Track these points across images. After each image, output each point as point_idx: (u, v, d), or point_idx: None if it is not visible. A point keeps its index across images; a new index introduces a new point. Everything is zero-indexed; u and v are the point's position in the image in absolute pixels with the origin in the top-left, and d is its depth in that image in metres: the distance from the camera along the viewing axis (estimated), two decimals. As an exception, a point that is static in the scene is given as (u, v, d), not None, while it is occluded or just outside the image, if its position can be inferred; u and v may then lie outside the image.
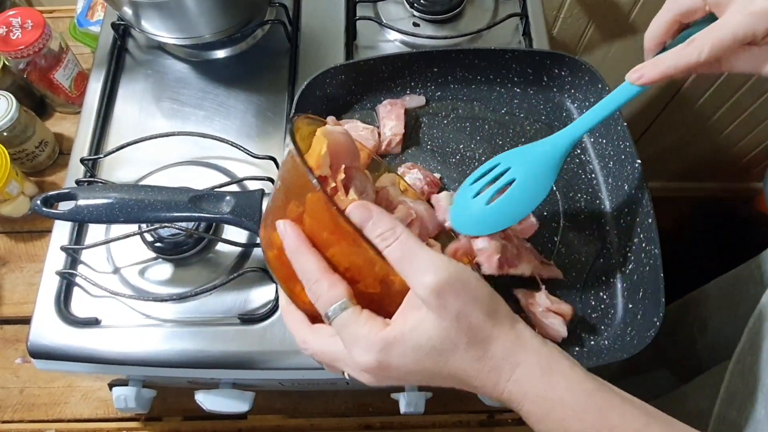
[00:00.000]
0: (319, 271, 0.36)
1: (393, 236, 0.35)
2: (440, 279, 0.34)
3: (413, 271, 0.34)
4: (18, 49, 0.72)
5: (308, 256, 0.36)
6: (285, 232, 0.37)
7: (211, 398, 0.61)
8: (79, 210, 0.51)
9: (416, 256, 0.34)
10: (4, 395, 0.70)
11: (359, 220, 0.36)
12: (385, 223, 0.35)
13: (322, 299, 0.36)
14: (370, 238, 0.35)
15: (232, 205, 0.54)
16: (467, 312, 0.34)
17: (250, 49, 0.74)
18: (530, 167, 0.51)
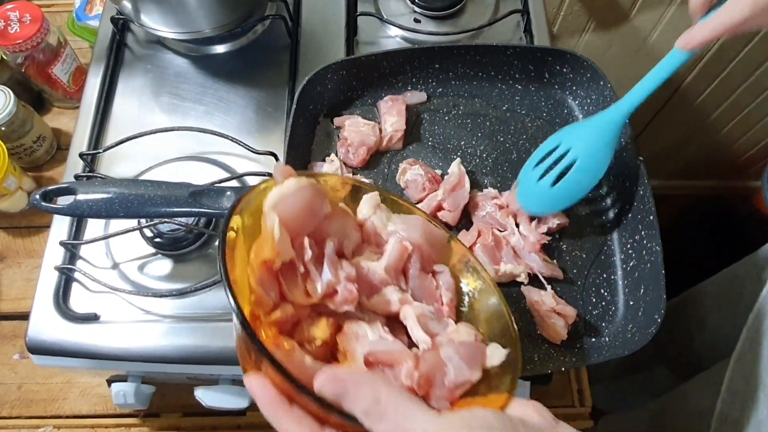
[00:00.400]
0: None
1: (377, 411, 0.30)
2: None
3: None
4: (16, 44, 0.71)
5: (287, 421, 0.31)
6: (255, 394, 0.32)
7: (211, 394, 0.61)
8: (78, 205, 0.51)
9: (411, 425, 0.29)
10: (2, 391, 0.70)
11: (333, 396, 0.30)
12: (366, 395, 0.30)
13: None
14: (353, 414, 0.30)
15: (233, 200, 0.53)
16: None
17: (251, 44, 0.73)
18: (589, 146, 0.53)
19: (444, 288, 0.44)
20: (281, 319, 0.38)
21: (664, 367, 0.93)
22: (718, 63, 1.10)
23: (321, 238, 0.41)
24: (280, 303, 0.38)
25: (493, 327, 0.43)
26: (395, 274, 0.44)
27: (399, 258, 0.44)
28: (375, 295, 0.42)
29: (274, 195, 0.39)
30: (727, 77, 1.14)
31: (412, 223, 0.45)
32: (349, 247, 0.44)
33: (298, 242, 0.39)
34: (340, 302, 0.39)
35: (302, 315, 0.40)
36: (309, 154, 0.63)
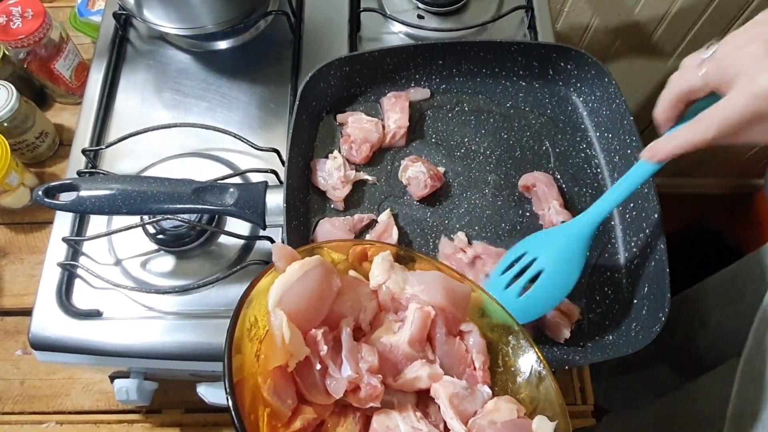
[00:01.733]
0: None
1: None
2: None
3: None
4: (18, 39, 0.71)
5: None
6: None
7: (213, 391, 0.61)
8: (81, 201, 0.51)
9: None
10: (4, 387, 0.70)
11: None
12: None
13: None
14: None
15: (235, 197, 0.53)
16: None
17: (253, 40, 0.73)
18: (556, 256, 0.50)
19: (475, 351, 0.41)
20: (304, 427, 0.35)
21: (665, 364, 0.93)
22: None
23: (335, 319, 0.38)
24: (299, 407, 0.35)
25: (533, 389, 0.40)
26: (420, 345, 0.40)
27: (422, 327, 0.40)
28: (401, 374, 0.40)
29: (278, 288, 0.35)
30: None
31: (432, 281, 0.42)
32: (366, 320, 0.41)
33: (311, 337, 0.36)
34: (365, 399, 0.37)
35: (324, 414, 0.37)
36: (312, 151, 0.62)
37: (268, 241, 0.59)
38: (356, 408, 0.37)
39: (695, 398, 0.77)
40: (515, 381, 0.41)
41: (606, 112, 0.62)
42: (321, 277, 0.36)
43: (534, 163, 0.62)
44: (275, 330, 0.34)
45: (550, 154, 0.63)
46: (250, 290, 0.35)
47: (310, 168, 0.61)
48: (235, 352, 0.32)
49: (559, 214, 0.57)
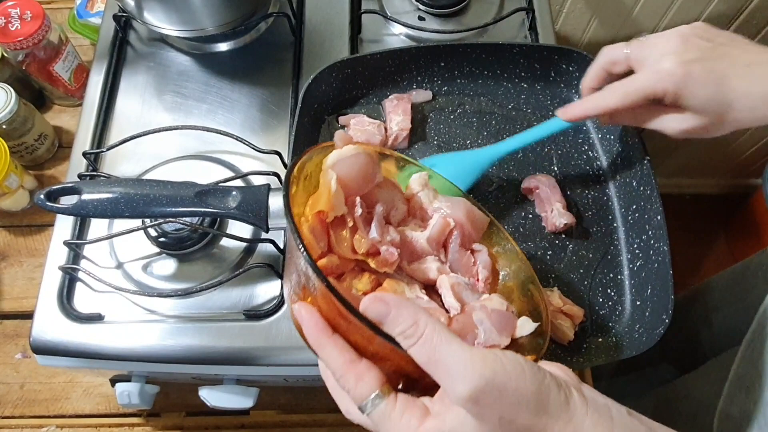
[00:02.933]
0: (344, 364, 0.34)
1: (416, 334, 0.32)
2: (475, 387, 0.30)
3: (444, 376, 0.31)
4: (17, 41, 0.71)
5: (329, 348, 0.34)
6: (302, 320, 0.35)
7: (215, 394, 0.61)
8: (83, 204, 0.50)
9: (445, 358, 0.31)
10: (4, 390, 0.70)
11: (376, 316, 0.33)
12: (406, 318, 0.32)
13: (352, 394, 0.34)
14: (392, 335, 0.32)
15: (238, 201, 0.53)
16: (511, 416, 0.31)
17: (254, 42, 0.73)
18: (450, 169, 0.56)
19: (481, 266, 0.46)
20: (327, 267, 0.41)
21: (668, 363, 0.93)
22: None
23: (371, 202, 0.44)
24: (327, 253, 0.41)
25: (524, 305, 0.45)
26: (436, 245, 0.46)
27: (441, 231, 0.46)
28: (415, 262, 0.45)
29: (334, 156, 0.42)
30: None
31: (457, 203, 0.48)
32: (396, 217, 0.47)
33: (351, 200, 0.42)
34: (381, 262, 0.42)
35: (346, 268, 0.43)
36: (314, 153, 0.62)
37: (270, 244, 0.59)
38: (373, 270, 0.43)
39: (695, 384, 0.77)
40: (511, 299, 0.46)
41: (608, 114, 0.62)
42: (369, 161, 0.43)
43: (536, 165, 0.63)
44: (325, 182, 0.40)
45: (553, 156, 0.63)
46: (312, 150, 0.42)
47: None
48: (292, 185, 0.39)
49: (562, 216, 0.57)
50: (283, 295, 0.58)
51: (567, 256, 0.58)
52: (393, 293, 0.42)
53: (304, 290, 0.36)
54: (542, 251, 0.58)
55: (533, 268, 0.56)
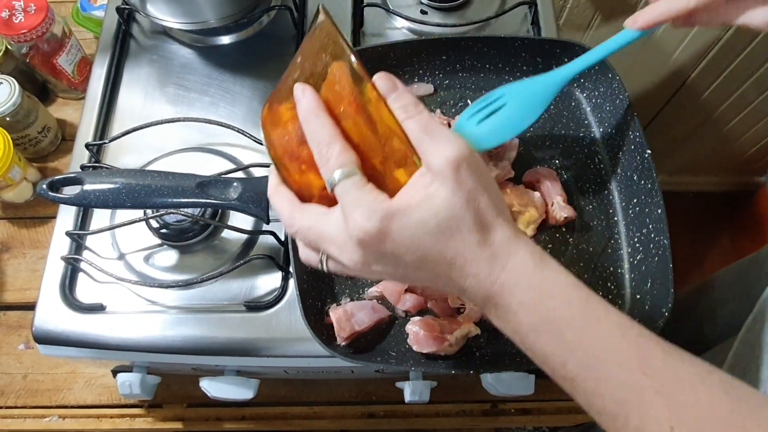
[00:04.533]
0: (332, 135, 0.35)
1: (416, 110, 0.35)
2: (461, 153, 0.33)
3: (433, 144, 0.34)
4: (21, 33, 0.71)
5: (324, 119, 0.36)
6: (303, 95, 0.36)
7: (216, 385, 0.61)
8: (85, 195, 0.51)
9: (436, 131, 0.34)
10: (7, 381, 0.70)
11: (384, 89, 0.35)
12: (409, 98, 0.35)
13: (331, 162, 0.35)
14: (393, 107, 0.35)
15: (239, 192, 0.53)
16: (478, 193, 0.34)
17: (256, 35, 0.73)
18: (522, 97, 0.55)
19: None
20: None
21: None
22: (723, 58, 1.09)
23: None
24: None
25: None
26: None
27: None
28: None
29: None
30: (733, 72, 1.13)
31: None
32: None
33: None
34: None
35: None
36: (315, 146, 0.62)
37: (271, 236, 0.59)
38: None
39: None
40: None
41: (609, 108, 0.62)
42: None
43: (538, 158, 0.62)
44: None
45: (554, 150, 0.63)
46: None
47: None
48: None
49: (563, 210, 0.57)
50: (283, 286, 0.58)
51: (567, 250, 0.58)
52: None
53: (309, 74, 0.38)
54: (542, 244, 0.58)
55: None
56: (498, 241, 0.34)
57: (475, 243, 0.34)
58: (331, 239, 0.36)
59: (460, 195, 0.33)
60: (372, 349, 0.54)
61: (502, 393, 0.61)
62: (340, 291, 0.57)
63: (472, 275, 0.34)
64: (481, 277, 0.34)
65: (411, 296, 0.55)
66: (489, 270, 0.34)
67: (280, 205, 0.39)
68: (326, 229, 0.36)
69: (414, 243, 0.34)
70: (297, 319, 0.54)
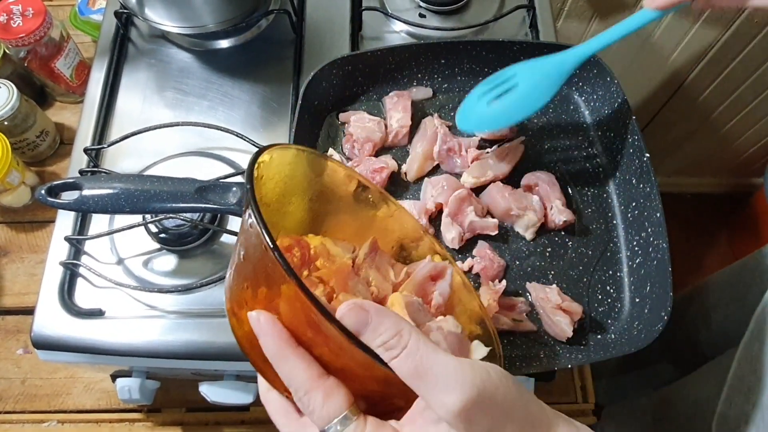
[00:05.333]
0: (310, 379, 0.30)
1: (400, 344, 0.29)
2: (467, 398, 0.27)
3: (431, 388, 0.28)
4: (19, 37, 0.71)
5: (294, 360, 0.30)
6: (260, 329, 0.31)
7: (215, 390, 0.61)
8: (84, 200, 0.50)
9: (432, 368, 0.28)
10: (5, 386, 0.70)
11: (354, 325, 0.29)
12: (389, 327, 0.29)
13: (318, 414, 0.30)
14: (372, 346, 0.29)
15: (238, 197, 0.53)
16: (499, 428, 0.29)
17: (255, 39, 0.73)
18: (534, 78, 0.53)
19: (438, 293, 0.44)
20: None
21: (667, 362, 0.93)
22: (720, 60, 1.10)
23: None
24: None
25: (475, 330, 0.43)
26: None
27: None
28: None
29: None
30: (730, 74, 1.13)
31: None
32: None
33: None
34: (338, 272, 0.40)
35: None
36: (314, 150, 0.62)
37: (270, 240, 0.59)
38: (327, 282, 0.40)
39: (695, 385, 0.77)
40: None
41: (608, 111, 0.62)
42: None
43: (536, 162, 0.63)
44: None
45: (552, 153, 0.63)
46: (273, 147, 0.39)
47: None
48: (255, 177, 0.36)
49: (562, 213, 0.57)
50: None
51: (566, 253, 0.58)
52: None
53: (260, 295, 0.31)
54: (541, 248, 0.59)
55: (532, 265, 0.56)
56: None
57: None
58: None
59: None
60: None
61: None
62: (339, 295, 0.57)
63: None
64: None
65: (410, 300, 0.55)
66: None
67: (275, 418, 0.34)
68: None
69: None
70: (296, 323, 0.54)
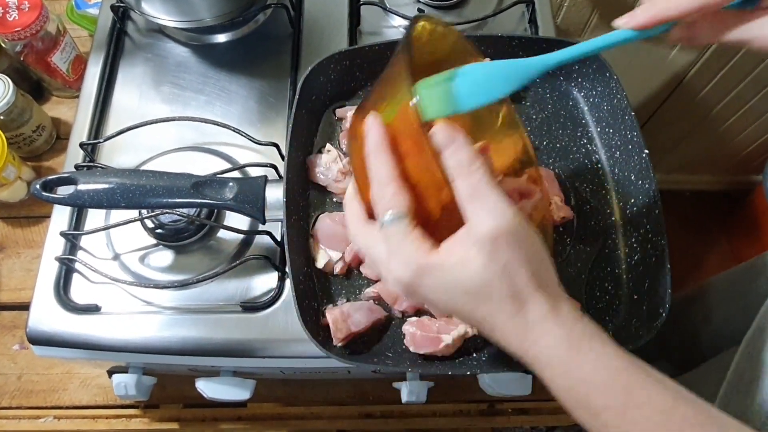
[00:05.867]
0: (390, 175, 0.36)
1: (467, 171, 0.34)
2: (500, 226, 0.33)
3: (476, 211, 0.34)
4: (15, 31, 0.70)
5: (385, 158, 0.37)
6: (370, 129, 0.38)
7: (212, 386, 0.61)
8: (79, 195, 0.50)
9: (484, 197, 0.34)
10: (1, 382, 0.70)
11: (440, 143, 0.35)
12: (465, 155, 0.35)
13: (383, 203, 0.36)
14: (446, 164, 0.35)
15: (234, 192, 0.53)
16: (515, 267, 0.34)
17: (252, 34, 0.73)
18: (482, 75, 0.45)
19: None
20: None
21: (666, 361, 0.93)
22: (720, 58, 1.09)
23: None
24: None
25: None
26: None
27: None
28: None
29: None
30: (729, 72, 1.13)
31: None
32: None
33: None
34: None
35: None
36: (311, 145, 0.62)
37: (267, 236, 0.59)
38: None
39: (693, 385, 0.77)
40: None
41: (607, 107, 0.62)
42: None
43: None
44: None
45: (551, 150, 0.63)
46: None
47: (307, 166, 0.60)
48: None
49: (561, 210, 0.57)
50: (279, 286, 0.58)
51: (565, 250, 0.58)
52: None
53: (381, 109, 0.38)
54: (540, 245, 0.58)
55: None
56: (532, 316, 0.35)
57: (506, 313, 0.35)
58: (381, 265, 0.38)
59: (494, 267, 0.34)
60: (368, 350, 0.54)
61: (500, 393, 0.61)
62: (336, 292, 0.56)
63: (504, 339, 0.36)
64: (512, 344, 0.36)
65: (408, 297, 0.55)
66: (519, 341, 0.35)
67: (348, 217, 0.41)
68: (379, 257, 0.38)
69: (444, 298, 0.36)
70: (293, 319, 0.54)
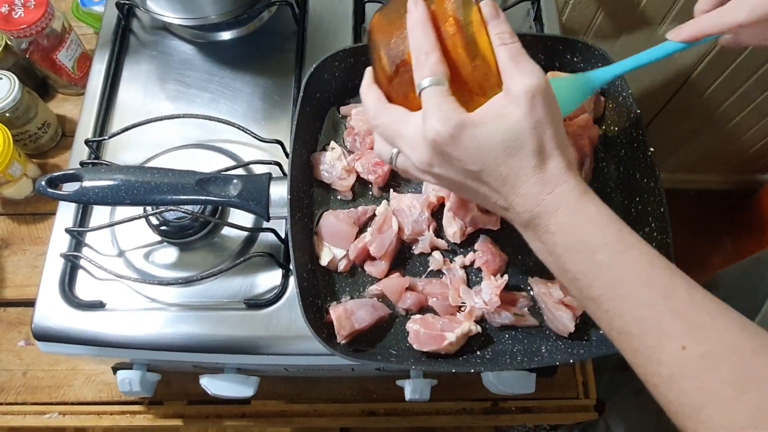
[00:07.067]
0: (433, 45, 0.39)
1: (510, 39, 0.39)
2: (539, 85, 0.37)
3: (517, 71, 0.38)
4: (20, 29, 0.71)
5: (429, 31, 0.40)
6: (415, 7, 0.41)
7: (216, 383, 0.61)
8: (84, 191, 0.50)
9: (522, 61, 0.38)
10: (7, 377, 0.70)
11: (488, 15, 0.40)
12: (506, 27, 0.40)
13: (426, 69, 0.39)
14: (491, 33, 0.39)
15: (239, 189, 0.53)
16: (546, 124, 0.38)
17: (257, 31, 0.73)
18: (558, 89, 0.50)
19: None
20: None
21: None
22: (725, 57, 1.09)
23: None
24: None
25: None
26: None
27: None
28: None
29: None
30: (735, 71, 1.12)
31: None
32: None
33: None
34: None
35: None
36: (315, 143, 0.62)
37: (271, 233, 0.59)
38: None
39: None
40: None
41: (612, 105, 0.62)
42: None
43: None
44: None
45: (556, 148, 0.63)
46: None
47: (311, 163, 0.60)
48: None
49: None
50: (283, 284, 0.58)
51: (569, 248, 0.58)
52: None
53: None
54: (544, 243, 0.58)
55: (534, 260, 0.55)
56: (552, 169, 0.38)
57: (531, 166, 0.38)
58: (406, 137, 0.41)
59: (529, 121, 0.37)
60: (372, 348, 0.54)
61: (503, 391, 0.61)
62: (340, 289, 0.56)
63: (521, 194, 0.39)
64: (529, 197, 0.38)
65: (412, 294, 0.55)
66: (538, 191, 0.38)
67: (370, 100, 0.43)
68: (404, 128, 0.41)
69: (478, 153, 0.38)
70: (297, 316, 0.54)
